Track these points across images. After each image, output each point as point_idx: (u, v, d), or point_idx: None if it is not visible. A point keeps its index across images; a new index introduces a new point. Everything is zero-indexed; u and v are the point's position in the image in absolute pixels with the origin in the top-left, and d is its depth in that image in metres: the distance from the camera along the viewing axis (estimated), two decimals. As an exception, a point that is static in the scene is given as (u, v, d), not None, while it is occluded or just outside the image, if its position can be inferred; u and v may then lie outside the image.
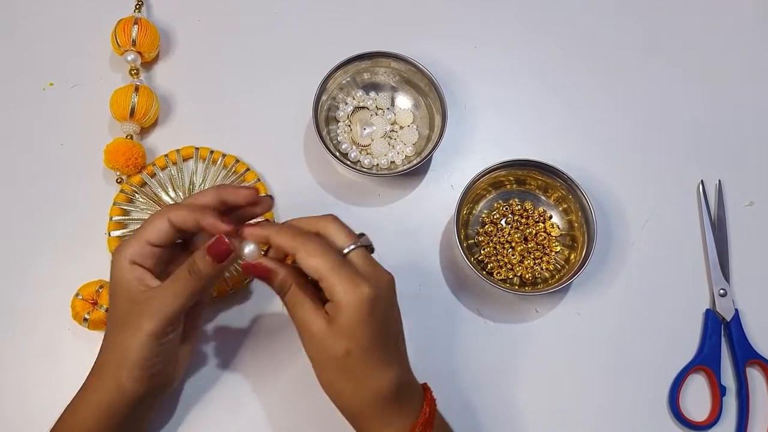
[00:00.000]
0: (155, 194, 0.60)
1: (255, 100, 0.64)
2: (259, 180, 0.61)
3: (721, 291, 0.60)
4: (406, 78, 0.63)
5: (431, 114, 0.63)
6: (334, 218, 0.46)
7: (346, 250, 0.44)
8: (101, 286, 0.55)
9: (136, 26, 0.61)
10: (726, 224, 0.62)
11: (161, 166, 0.61)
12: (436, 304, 0.59)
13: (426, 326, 0.58)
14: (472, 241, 0.61)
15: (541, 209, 0.61)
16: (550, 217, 0.61)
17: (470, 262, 0.55)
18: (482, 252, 0.60)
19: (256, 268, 0.44)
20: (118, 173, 0.59)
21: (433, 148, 0.59)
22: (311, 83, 0.59)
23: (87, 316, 0.54)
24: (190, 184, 0.61)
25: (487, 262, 0.60)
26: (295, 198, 0.61)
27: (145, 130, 0.62)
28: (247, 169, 0.61)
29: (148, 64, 0.65)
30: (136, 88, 0.60)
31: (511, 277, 0.59)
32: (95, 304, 0.55)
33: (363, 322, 0.42)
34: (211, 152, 0.61)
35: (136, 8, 0.65)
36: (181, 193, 0.60)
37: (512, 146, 0.63)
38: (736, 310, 0.59)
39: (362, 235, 0.46)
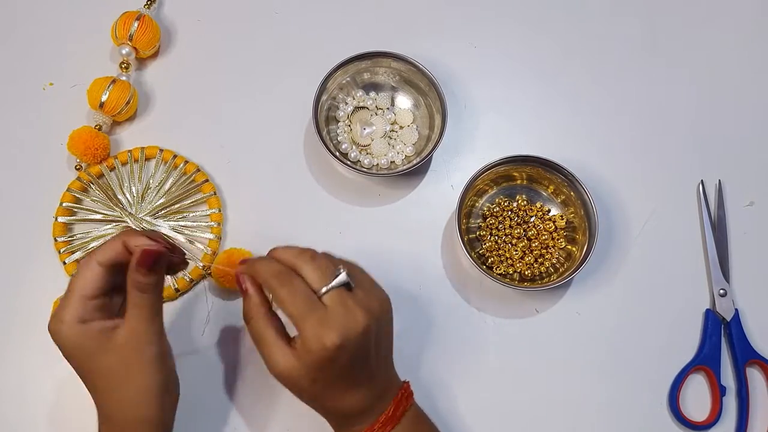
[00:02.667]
0: (110, 187, 0.60)
1: (254, 100, 0.64)
2: (215, 193, 0.60)
3: (721, 291, 0.59)
4: (406, 78, 0.63)
5: (431, 114, 0.62)
6: (312, 256, 0.45)
7: (322, 291, 0.44)
8: None
9: (137, 22, 0.62)
10: (726, 224, 0.62)
11: (122, 161, 0.61)
12: (435, 304, 0.59)
13: (425, 326, 0.58)
14: (474, 235, 0.60)
15: (539, 204, 0.61)
16: (548, 211, 0.61)
17: (470, 255, 0.55)
18: (484, 246, 0.60)
19: (237, 280, 0.47)
20: (77, 160, 0.60)
21: (434, 148, 0.58)
22: (311, 83, 0.59)
23: None
24: (146, 186, 0.61)
25: (488, 257, 0.60)
26: (295, 199, 0.61)
27: (119, 124, 0.63)
28: (206, 180, 0.61)
29: (145, 60, 0.65)
30: (113, 81, 0.60)
31: (511, 272, 0.59)
32: None
33: (328, 366, 0.43)
34: (174, 156, 0.61)
35: (146, 5, 0.65)
36: (135, 192, 0.60)
37: (512, 146, 0.62)
38: (736, 310, 0.59)
39: (339, 271, 0.45)
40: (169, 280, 0.58)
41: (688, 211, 0.62)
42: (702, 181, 0.63)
